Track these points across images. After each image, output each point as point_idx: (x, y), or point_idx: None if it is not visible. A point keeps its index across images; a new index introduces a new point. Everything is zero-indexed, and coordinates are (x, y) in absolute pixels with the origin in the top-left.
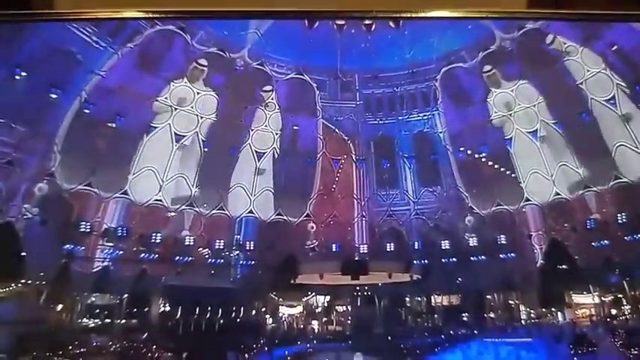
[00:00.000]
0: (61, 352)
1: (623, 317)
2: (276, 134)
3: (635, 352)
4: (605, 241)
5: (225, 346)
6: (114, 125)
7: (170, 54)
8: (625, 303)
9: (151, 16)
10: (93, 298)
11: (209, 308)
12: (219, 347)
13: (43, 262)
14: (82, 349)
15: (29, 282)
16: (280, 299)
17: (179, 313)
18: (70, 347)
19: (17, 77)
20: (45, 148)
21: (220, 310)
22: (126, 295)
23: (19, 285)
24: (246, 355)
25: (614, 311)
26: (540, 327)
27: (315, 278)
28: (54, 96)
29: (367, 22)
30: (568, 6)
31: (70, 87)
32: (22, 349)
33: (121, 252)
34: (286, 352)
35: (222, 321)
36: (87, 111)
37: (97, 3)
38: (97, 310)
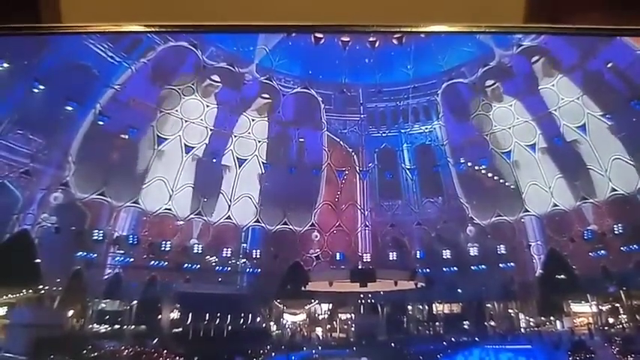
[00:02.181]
0: (76, 356)
1: (620, 325)
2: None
3: (632, 359)
4: (602, 252)
5: (233, 351)
6: (126, 137)
7: (182, 69)
8: (622, 312)
9: (157, 30)
10: (105, 304)
11: (217, 314)
12: (227, 352)
13: (58, 269)
14: (95, 353)
15: (45, 288)
16: (287, 306)
17: (188, 319)
18: (85, 351)
19: (35, 90)
20: (60, 159)
21: (228, 316)
22: (137, 302)
23: (35, 290)
24: (253, 359)
25: (611, 320)
26: (539, 334)
27: (325, 285)
28: (70, 108)
29: (371, 38)
30: (564, 21)
31: (86, 100)
32: (40, 352)
33: (132, 259)
34: (293, 358)
35: (230, 327)
36: (101, 123)
37: (103, 17)
38: (109, 316)
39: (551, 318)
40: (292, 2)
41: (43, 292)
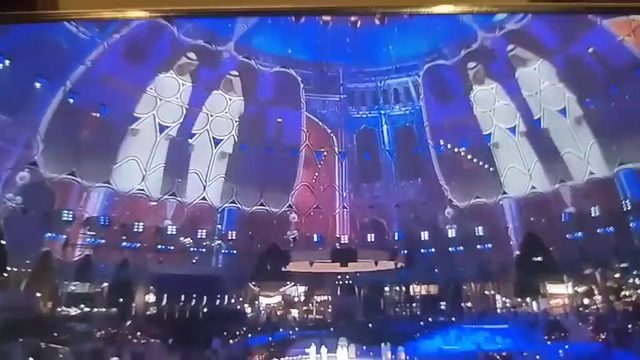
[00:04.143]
0: (47, 338)
1: (594, 306)
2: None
3: (603, 337)
4: (579, 234)
5: (209, 333)
6: (98, 115)
7: (157, 45)
8: (596, 292)
9: (151, 15)
10: (75, 286)
11: (193, 296)
12: (204, 334)
13: (25, 251)
14: (67, 335)
15: (12, 270)
16: (264, 288)
17: (163, 301)
18: (55, 334)
19: (0, 65)
20: (28, 137)
21: (203, 298)
22: (109, 283)
23: (2, 273)
24: (230, 341)
25: (586, 300)
26: (516, 314)
27: (305, 266)
28: (38, 85)
29: (353, 18)
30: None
31: (55, 76)
32: (7, 335)
33: (104, 241)
34: (270, 339)
35: (205, 309)
36: (71, 100)
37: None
38: (81, 298)
39: (528, 298)
40: None
41: (8, 274)
